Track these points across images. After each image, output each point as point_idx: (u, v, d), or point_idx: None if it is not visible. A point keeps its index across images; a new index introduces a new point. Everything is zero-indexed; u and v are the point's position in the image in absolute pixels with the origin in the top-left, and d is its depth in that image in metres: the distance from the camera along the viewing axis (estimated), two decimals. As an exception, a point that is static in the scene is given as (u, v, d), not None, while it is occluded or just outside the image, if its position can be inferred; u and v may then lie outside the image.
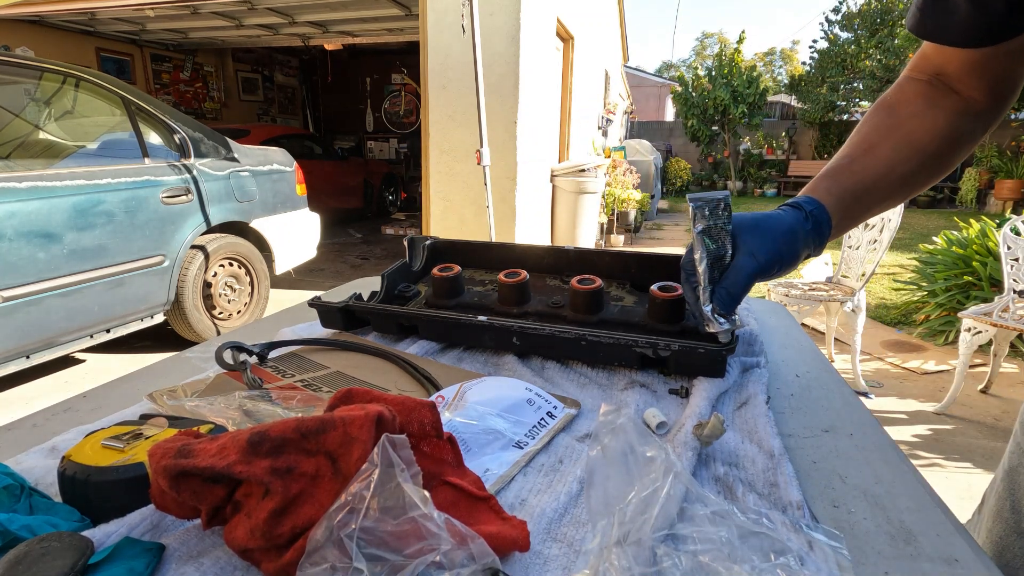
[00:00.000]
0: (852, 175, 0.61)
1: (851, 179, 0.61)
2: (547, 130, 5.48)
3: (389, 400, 0.43)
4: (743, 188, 13.87)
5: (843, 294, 3.01)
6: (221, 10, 6.06)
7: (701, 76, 13.92)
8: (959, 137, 0.61)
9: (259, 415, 0.49)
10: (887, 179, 0.60)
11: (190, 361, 0.74)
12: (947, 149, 0.61)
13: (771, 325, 0.90)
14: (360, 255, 6.42)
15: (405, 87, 9.89)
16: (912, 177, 0.61)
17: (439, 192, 4.57)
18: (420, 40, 4.33)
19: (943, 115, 0.61)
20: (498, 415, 0.54)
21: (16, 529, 0.35)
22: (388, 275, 0.88)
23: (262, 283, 3.70)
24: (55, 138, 2.86)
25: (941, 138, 0.60)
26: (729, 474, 0.47)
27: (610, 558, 0.34)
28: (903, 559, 0.40)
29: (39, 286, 2.47)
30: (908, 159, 0.60)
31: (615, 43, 11.19)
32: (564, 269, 0.92)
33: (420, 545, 0.33)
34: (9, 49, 2.76)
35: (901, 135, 0.61)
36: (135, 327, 3.02)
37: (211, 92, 8.83)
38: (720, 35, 41.74)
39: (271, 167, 3.75)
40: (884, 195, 0.61)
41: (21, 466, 0.48)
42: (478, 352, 0.76)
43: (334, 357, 0.71)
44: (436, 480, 0.42)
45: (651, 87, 19.41)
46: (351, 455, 0.36)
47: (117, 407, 0.60)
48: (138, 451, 0.42)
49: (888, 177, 0.60)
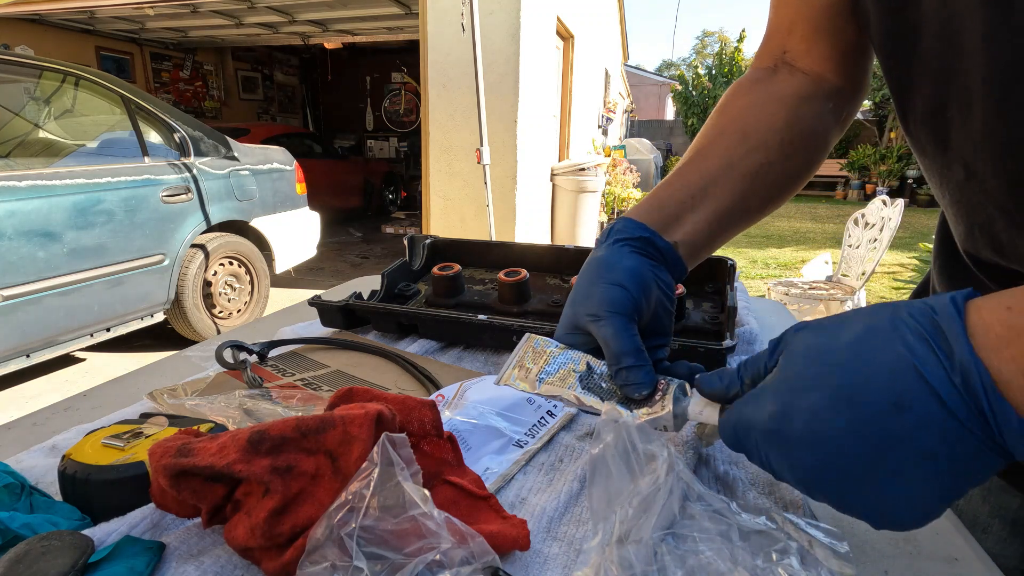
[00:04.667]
0: (681, 177, 0.51)
1: (679, 182, 0.51)
2: (547, 129, 5.48)
3: (389, 399, 0.43)
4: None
5: (843, 293, 3.01)
6: (221, 8, 6.05)
7: (701, 75, 13.91)
8: (805, 125, 0.53)
9: (259, 414, 0.49)
10: (727, 179, 0.51)
11: (190, 360, 0.74)
12: (792, 140, 0.52)
13: (771, 324, 0.90)
14: (360, 254, 6.42)
15: (405, 86, 9.88)
16: (757, 175, 0.51)
17: (439, 191, 4.57)
18: (420, 39, 4.33)
19: (782, 103, 0.53)
20: (498, 414, 0.54)
21: (17, 528, 0.35)
22: (388, 274, 0.88)
23: (262, 282, 3.70)
24: (55, 137, 2.86)
25: (782, 128, 0.52)
26: (730, 473, 0.47)
27: (611, 556, 0.34)
28: (903, 557, 0.40)
29: (39, 285, 2.47)
30: (745, 155, 0.51)
31: (615, 42, 11.19)
32: (564, 268, 0.92)
33: (420, 544, 0.33)
34: (9, 48, 2.76)
35: (736, 130, 0.53)
36: (135, 326, 3.02)
37: (211, 91, 8.82)
38: (720, 34, 41.75)
39: (271, 166, 3.75)
40: (727, 198, 0.50)
41: (21, 465, 0.48)
42: (478, 351, 0.76)
43: (334, 356, 0.71)
44: (436, 479, 0.42)
45: (651, 86, 19.41)
46: (351, 454, 0.36)
47: (117, 406, 0.60)
48: (138, 450, 0.42)
49: (727, 177, 0.51)
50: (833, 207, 11.29)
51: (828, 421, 0.30)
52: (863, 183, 12.57)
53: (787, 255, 6.40)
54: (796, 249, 6.76)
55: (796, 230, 8.31)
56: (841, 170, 12.96)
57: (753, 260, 6.15)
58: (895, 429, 0.28)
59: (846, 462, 0.29)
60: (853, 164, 12.63)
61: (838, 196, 12.97)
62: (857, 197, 12.31)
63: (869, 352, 0.30)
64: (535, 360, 0.46)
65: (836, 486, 0.30)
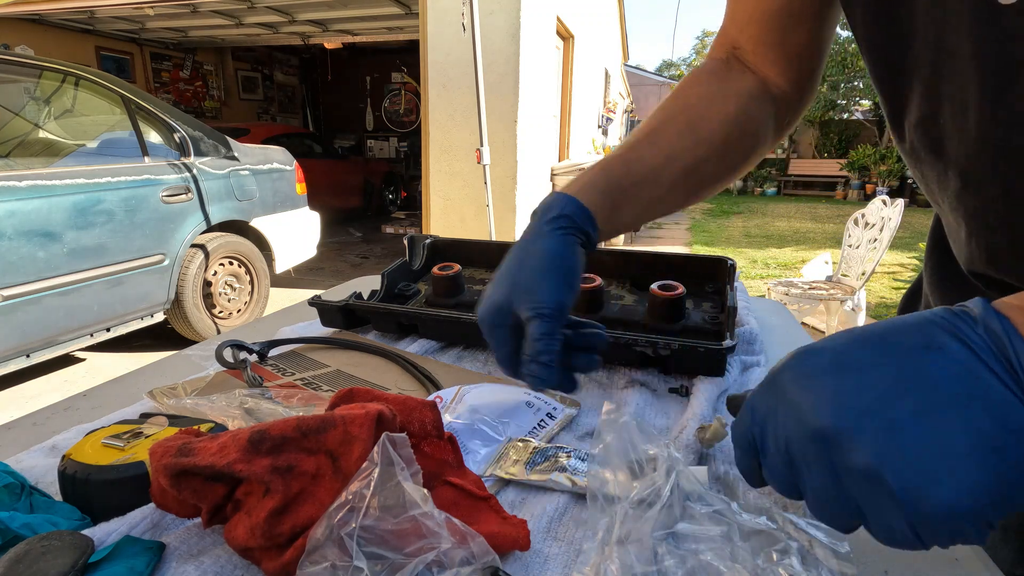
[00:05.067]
0: (625, 164, 0.52)
1: (622, 168, 0.52)
2: (547, 129, 5.48)
3: (390, 400, 0.43)
4: (743, 187, 13.86)
5: (843, 293, 3.01)
6: (221, 8, 6.05)
7: (701, 75, 13.89)
8: (750, 125, 0.54)
9: (259, 413, 0.49)
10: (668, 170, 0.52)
11: (190, 359, 0.74)
12: (737, 138, 0.54)
13: (771, 324, 0.90)
14: (360, 254, 6.41)
15: (405, 86, 9.88)
16: (696, 169, 0.53)
17: (439, 191, 4.57)
18: (420, 39, 4.33)
19: (733, 99, 0.54)
20: (497, 418, 0.54)
21: (17, 528, 0.35)
22: (388, 274, 0.88)
23: (262, 282, 3.70)
24: (55, 137, 2.86)
25: (730, 124, 0.53)
26: (730, 473, 0.47)
27: (611, 556, 0.34)
28: (902, 557, 0.40)
29: (39, 285, 2.46)
30: (690, 148, 0.53)
31: (615, 41, 11.19)
32: (564, 268, 0.92)
33: (420, 544, 0.33)
34: (9, 48, 2.76)
35: (685, 120, 0.54)
36: (135, 326, 3.02)
37: (211, 91, 8.82)
38: (720, 34, 41.65)
39: (271, 166, 3.75)
40: (663, 189, 0.53)
41: (21, 465, 0.48)
42: (478, 351, 0.76)
43: (334, 356, 0.71)
44: (436, 480, 0.42)
45: (651, 86, 19.39)
46: (351, 454, 0.36)
47: (117, 406, 0.60)
48: (138, 450, 0.42)
49: (669, 168, 0.52)
50: (833, 207, 11.29)
51: (854, 353, 0.28)
52: (863, 183, 12.57)
53: (787, 255, 6.40)
54: (796, 249, 6.76)
55: (796, 230, 8.31)
56: (841, 170, 12.97)
57: (753, 260, 6.15)
58: (924, 365, 0.26)
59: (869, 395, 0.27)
60: (853, 164, 12.64)
61: (838, 196, 12.98)
62: (857, 197, 12.32)
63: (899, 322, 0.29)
64: (520, 454, 0.49)
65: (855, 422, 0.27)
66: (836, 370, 0.28)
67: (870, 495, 0.27)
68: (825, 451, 0.28)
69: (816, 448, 0.28)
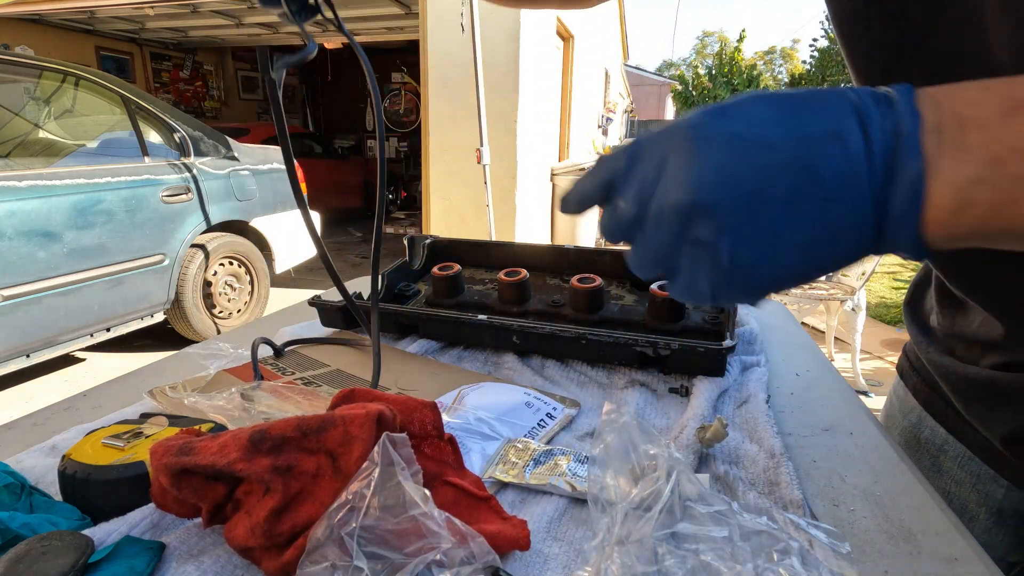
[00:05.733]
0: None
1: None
2: (547, 129, 5.48)
3: (390, 400, 0.43)
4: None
5: (843, 293, 3.01)
6: (221, 8, 6.05)
7: (701, 75, 13.92)
8: None
9: (260, 413, 0.49)
10: None
11: (191, 359, 0.74)
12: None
13: (771, 324, 0.90)
14: (360, 254, 6.41)
15: (405, 86, 9.88)
16: None
17: (439, 191, 4.57)
18: (420, 39, 4.33)
19: None
20: (497, 419, 0.54)
21: (17, 527, 0.35)
22: (388, 274, 0.88)
23: (262, 282, 3.70)
24: (55, 137, 2.86)
25: None
26: (730, 473, 0.47)
27: (611, 557, 0.34)
28: (903, 557, 0.40)
29: (39, 285, 2.47)
30: None
31: (615, 42, 11.19)
32: (564, 268, 0.92)
33: (420, 543, 0.33)
34: (8, 48, 2.75)
35: None
36: (135, 326, 3.02)
37: (211, 91, 8.83)
38: (720, 34, 41.74)
39: (271, 166, 3.75)
40: None
41: (21, 465, 0.48)
42: (478, 351, 0.76)
43: (334, 355, 0.71)
44: (436, 480, 0.42)
45: (651, 86, 19.39)
46: (351, 454, 0.36)
47: (117, 406, 0.60)
48: (138, 450, 0.42)
49: None
50: (833, 207, 11.26)
51: (760, 131, 0.27)
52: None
53: (787, 255, 6.39)
54: (796, 249, 6.75)
55: (796, 230, 8.29)
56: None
57: (753, 260, 6.14)
58: (818, 157, 0.26)
59: (751, 180, 0.26)
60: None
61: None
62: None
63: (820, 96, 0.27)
64: (519, 456, 0.49)
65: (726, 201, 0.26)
66: (735, 145, 0.27)
67: (697, 260, 0.28)
68: (684, 222, 0.27)
69: (679, 219, 0.28)
